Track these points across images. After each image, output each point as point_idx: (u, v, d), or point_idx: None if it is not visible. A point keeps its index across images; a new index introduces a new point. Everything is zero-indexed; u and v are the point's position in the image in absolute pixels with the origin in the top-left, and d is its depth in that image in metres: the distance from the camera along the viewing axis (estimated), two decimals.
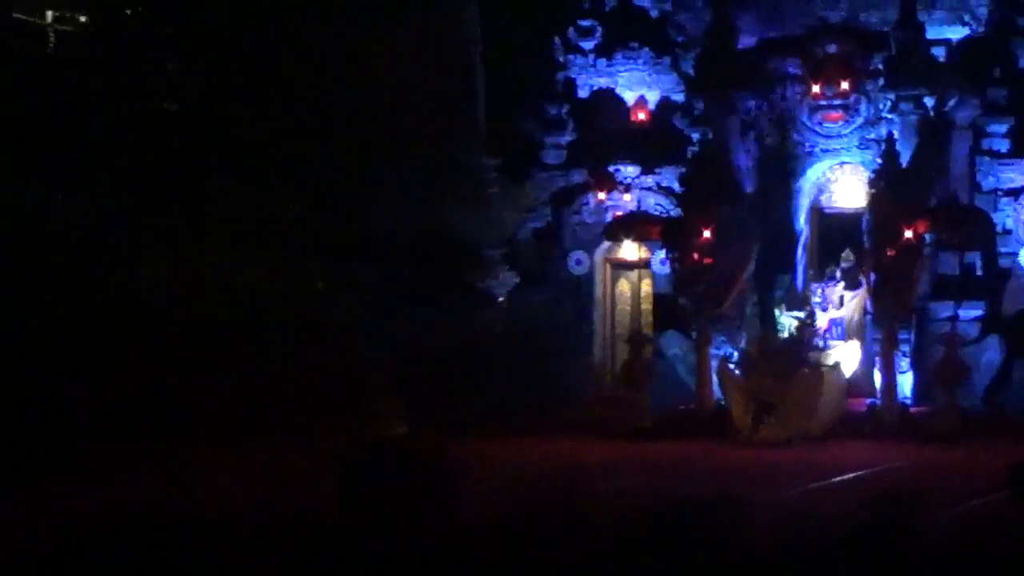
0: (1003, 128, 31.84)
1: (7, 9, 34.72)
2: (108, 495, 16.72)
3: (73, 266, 28.51)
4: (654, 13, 34.50)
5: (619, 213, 33.43)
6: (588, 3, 34.72)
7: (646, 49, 34.24)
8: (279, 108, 32.66)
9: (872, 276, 30.51)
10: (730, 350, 30.68)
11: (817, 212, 33.89)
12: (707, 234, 31.01)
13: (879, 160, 31.25)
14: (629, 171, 33.51)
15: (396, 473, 15.02)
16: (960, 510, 15.55)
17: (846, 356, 30.82)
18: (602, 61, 34.50)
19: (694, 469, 24.19)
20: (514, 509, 14.65)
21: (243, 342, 28.68)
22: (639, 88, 34.43)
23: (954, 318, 30.31)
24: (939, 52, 32.58)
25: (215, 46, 33.87)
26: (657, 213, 33.18)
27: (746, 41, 33.62)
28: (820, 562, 13.36)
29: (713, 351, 30.59)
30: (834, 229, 33.43)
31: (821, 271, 32.58)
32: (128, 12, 35.01)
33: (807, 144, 32.99)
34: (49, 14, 35.43)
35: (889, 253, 29.95)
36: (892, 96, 31.86)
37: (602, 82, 34.59)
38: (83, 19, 35.63)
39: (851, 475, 23.02)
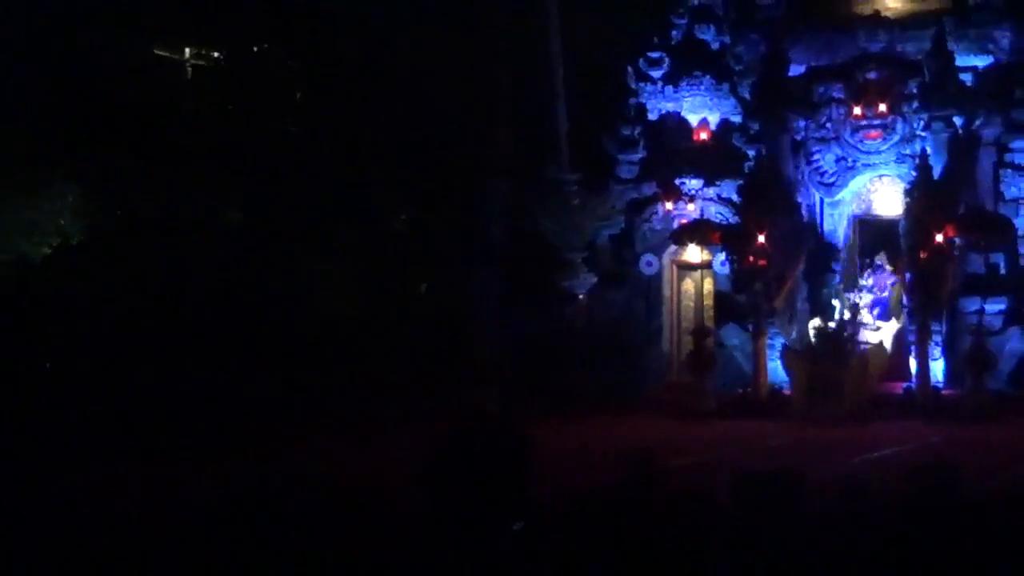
0: None
1: (149, 45, 35.13)
2: (274, 470, 16.89)
3: (214, 270, 28.89)
4: (715, 45, 34.38)
5: (684, 221, 33.24)
6: (657, 37, 34.69)
7: (708, 77, 34.09)
8: (393, 133, 33.00)
9: (908, 275, 30.53)
10: (782, 340, 30.79)
11: (859, 219, 33.88)
12: (761, 239, 31.00)
13: (914, 173, 31.03)
14: (693, 184, 33.47)
15: (473, 451, 15.12)
16: (993, 481, 15.54)
17: (887, 333, 31.21)
18: (669, 88, 34.36)
19: (755, 445, 24.22)
20: (601, 480, 14.76)
21: (360, 338, 28.96)
22: (702, 111, 34.36)
23: (981, 311, 30.17)
24: (967, 77, 32.47)
25: (332, 76, 34.23)
26: (718, 221, 33.08)
27: (796, 69, 33.62)
28: (870, 527, 13.40)
29: (768, 342, 30.65)
30: (874, 234, 33.47)
31: (864, 270, 32.58)
32: (255, 49, 35.33)
33: (850, 159, 32.83)
34: (187, 51, 35.82)
35: (923, 255, 29.93)
36: (925, 116, 31.77)
37: (669, 106, 34.49)
38: (216, 55, 36.00)
39: (893, 450, 23.06)
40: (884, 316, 31.58)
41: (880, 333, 31.27)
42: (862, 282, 32.01)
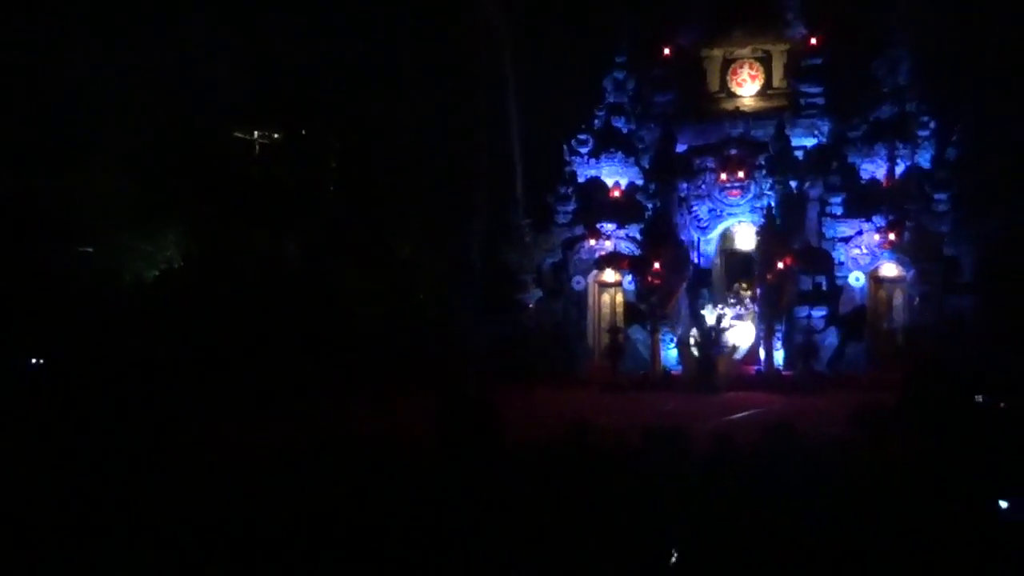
0: (839, 200, 31.89)
1: (230, 128, 35.21)
2: (328, 425, 16.92)
3: (277, 286, 28.98)
4: (625, 130, 34.49)
5: (603, 253, 33.49)
6: (584, 124, 34.77)
7: (620, 152, 34.27)
8: (402, 190, 33.13)
9: (759, 291, 30.91)
10: (672, 336, 31.01)
11: (724, 251, 34.05)
12: (657, 265, 31.27)
13: (763, 220, 31.45)
14: (609, 227, 33.49)
15: (461, 414, 15.29)
16: (819, 435, 15.89)
17: (744, 333, 31.40)
18: (592, 160, 34.50)
19: (655, 409, 24.29)
20: (547, 433, 15.04)
21: (380, 333, 29.03)
22: (615, 176, 34.50)
23: (809, 316, 30.38)
24: (800, 153, 32.80)
25: (358, 149, 34.35)
26: (626, 253, 33.22)
27: (681, 147, 33.81)
28: (735, 466, 13.74)
29: (661, 337, 30.84)
30: (736, 262, 33.55)
31: (729, 287, 32.89)
32: (303, 131, 35.43)
33: (718, 210, 32.99)
34: (255, 132, 35.89)
35: (769, 277, 30.30)
36: (771, 180, 32.02)
37: (592, 172, 34.60)
38: (276, 135, 36.09)
39: (749, 412, 23.33)
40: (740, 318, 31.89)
41: (745, 320, 31.62)
42: (723, 306, 32.19)
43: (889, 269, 31.75)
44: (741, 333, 31.36)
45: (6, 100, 31.25)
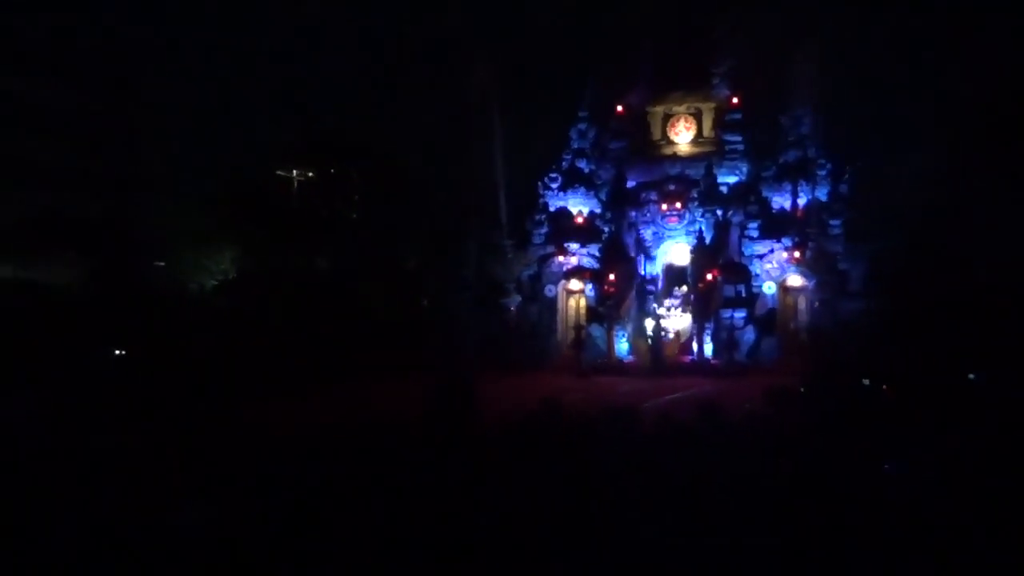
0: (755, 225, 32.21)
1: (272, 168, 35.23)
2: (346, 402, 16.58)
3: (311, 294, 28.93)
4: (587, 170, 34.69)
5: (569, 267, 33.78)
6: (554, 165, 35.01)
7: (582, 187, 34.44)
8: (410, 215, 33.15)
9: (692, 297, 31.13)
10: (623, 332, 31.19)
11: (666, 266, 34.28)
12: (612, 277, 31.63)
13: (695, 241, 31.80)
14: (574, 246, 33.72)
15: (445, 397, 15.27)
16: (740, 410, 15.97)
17: (684, 321, 31.67)
18: (561, 193, 34.65)
19: (611, 390, 24.33)
20: (523, 410, 15.07)
21: (391, 331, 29.01)
22: (579, 206, 34.66)
23: (732, 317, 30.57)
24: (725, 188, 33.13)
25: (375, 183, 34.39)
26: (588, 267, 33.53)
27: (631, 183, 34.16)
28: (674, 437, 13.82)
29: (615, 333, 31.11)
30: (674, 274, 33.83)
31: (669, 292, 33.08)
32: (332, 170, 35.48)
33: (660, 233, 33.34)
34: (295, 171, 35.91)
35: (700, 286, 30.61)
36: (702, 210, 32.42)
37: (561, 203, 34.75)
38: (310, 173, 36.11)
39: (685, 393, 23.38)
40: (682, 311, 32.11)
41: (682, 320, 31.86)
42: (667, 302, 32.44)
43: (795, 280, 32.07)
44: (679, 323, 31.70)
45: (101, 144, 31.35)
